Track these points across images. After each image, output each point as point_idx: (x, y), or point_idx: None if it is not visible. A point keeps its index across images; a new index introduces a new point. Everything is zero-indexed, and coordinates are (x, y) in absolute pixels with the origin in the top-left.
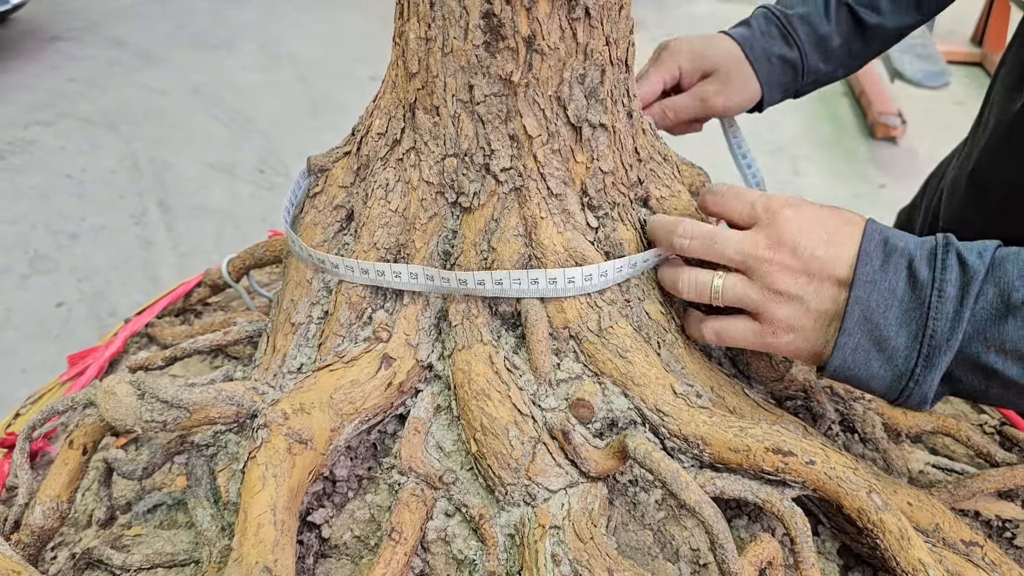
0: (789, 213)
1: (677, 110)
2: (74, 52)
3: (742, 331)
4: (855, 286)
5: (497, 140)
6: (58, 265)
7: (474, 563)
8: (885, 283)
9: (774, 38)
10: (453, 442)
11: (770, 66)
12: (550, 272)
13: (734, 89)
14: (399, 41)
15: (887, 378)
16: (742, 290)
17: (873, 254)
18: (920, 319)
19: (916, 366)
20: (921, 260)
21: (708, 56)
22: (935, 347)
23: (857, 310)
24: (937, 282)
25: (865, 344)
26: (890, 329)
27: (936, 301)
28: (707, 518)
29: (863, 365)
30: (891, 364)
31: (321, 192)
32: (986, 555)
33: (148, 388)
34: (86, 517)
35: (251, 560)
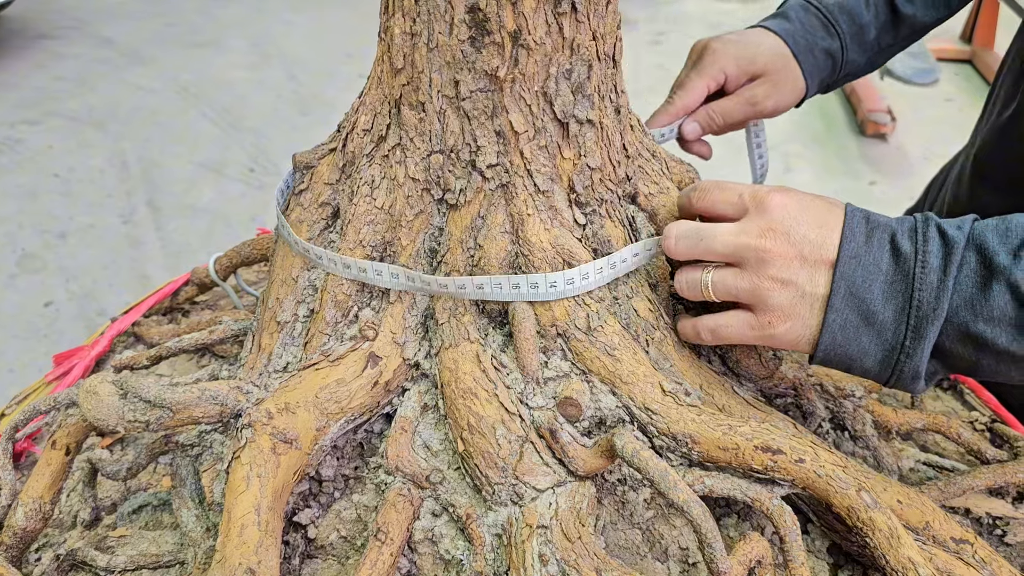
0: (779, 199)
1: (725, 114)
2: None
3: (738, 325)
4: (840, 262)
5: (483, 136)
6: (46, 264)
7: (461, 563)
8: (869, 258)
9: (816, 30)
10: (440, 441)
11: (814, 60)
12: (531, 277)
13: (785, 90)
14: (384, 37)
15: (878, 354)
16: (733, 281)
17: (856, 230)
18: (906, 291)
19: (905, 338)
20: (903, 235)
21: (757, 60)
22: (922, 317)
23: (843, 286)
24: (920, 253)
25: (853, 320)
26: (876, 303)
27: (920, 272)
28: (695, 517)
29: (853, 341)
30: (880, 338)
31: (307, 189)
32: (976, 553)
33: (130, 388)
34: (71, 518)
35: (234, 561)
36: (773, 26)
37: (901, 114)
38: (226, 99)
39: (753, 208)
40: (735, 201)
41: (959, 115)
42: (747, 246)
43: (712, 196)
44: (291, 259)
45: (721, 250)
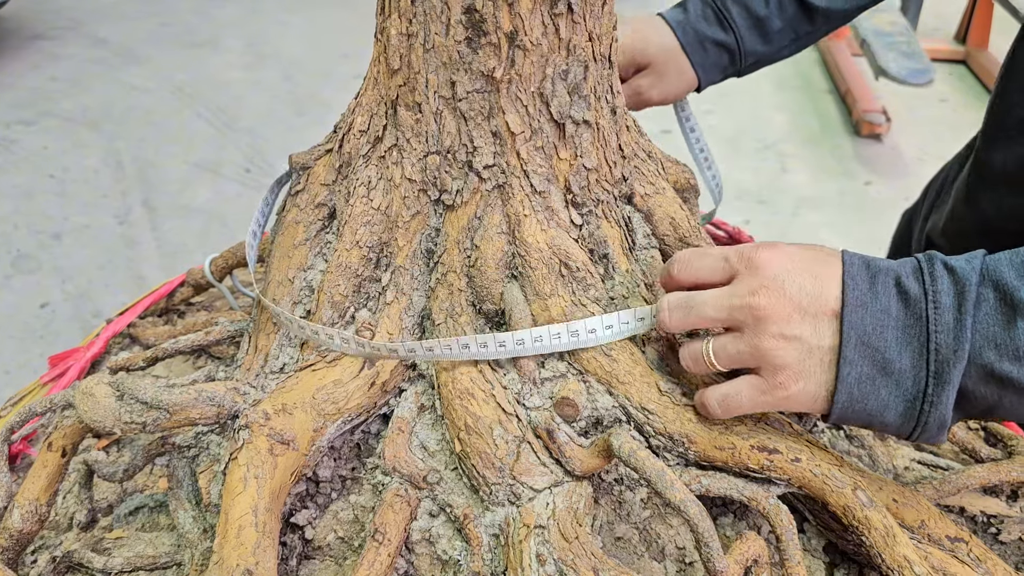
0: (767, 255)
1: None
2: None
3: (747, 391)
4: (846, 311)
5: (480, 137)
6: (41, 265)
7: (459, 563)
8: (876, 305)
9: (709, 22)
10: (437, 441)
11: (704, 52)
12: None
13: (669, 81)
14: (380, 37)
15: (899, 406)
16: (733, 347)
17: (858, 277)
18: (921, 335)
19: (927, 386)
20: (908, 276)
21: (641, 51)
22: (942, 361)
23: (853, 336)
24: (930, 294)
25: (869, 371)
26: (891, 351)
27: (933, 313)
28: (692, 516)
29: (871, 395)
30: (900, 388)
31: (303, 190)
32: (971, 551)
33: (127, 389)
34: (67, 520)
35: (232, 563)
36: (669, 16)
37: (896, 114)
38: (222, 99)
39: (742, 268)
40: (721, 266)
41: (954, 115)
42: (740, 307)
43: (695, 265)
44: (288, 260)
45: (713, 314)
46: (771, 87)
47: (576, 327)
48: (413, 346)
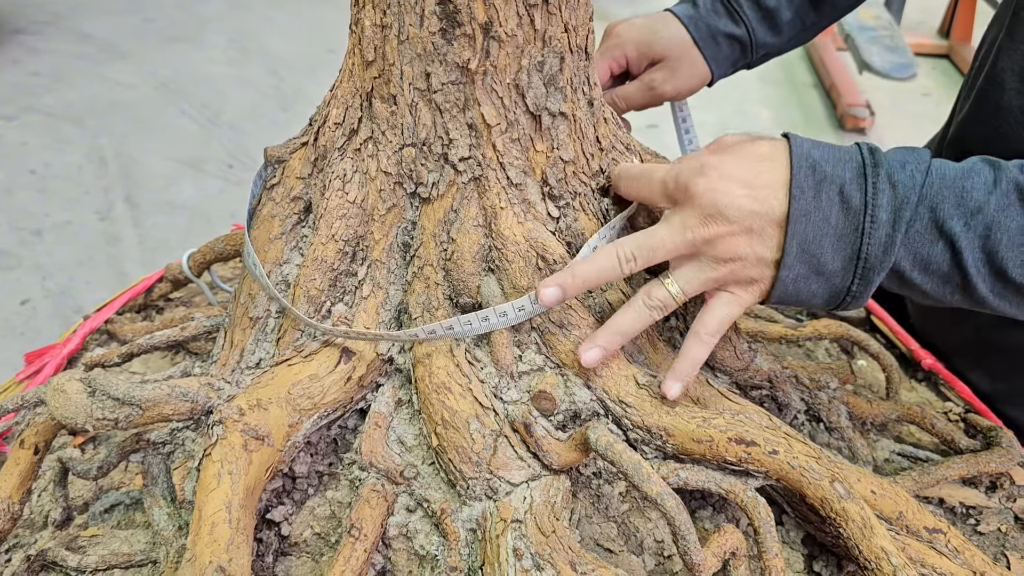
0: (701, 183)
1: (627, 99)
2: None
3: (728, 307)
4: (791, 220)
5: (455, 129)
6: (21, 262)
7: (436, 558)
8: (819, 214)
9: (720, 15)
10: (415, 436)
11: (716, 45)
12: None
13: (683, 75)
14: (355, 29)
15: (825, 295)
16: (696, 276)
17: (804, 185)
18: (855, 244)
19: (852, 284)
20: (852, 184)
21: (655, 44)
22: (870, 268)
23: (795, 244)
24: (869, 207)
25: (805, 272)
26: (826, 256)
27: (870, 227)
28: (669, 509)
29: (804, 289)
30: (829, 284)
31: (278, 184)
32: (949, 542)
33: (99, 385)
34: (42, 518)
35: (204, 559)
36: (679, 11)
37: (880, 108)
38: (205, 95)
39: (681, 197)
40: (660, 190)
41: (937, 110)
42: (696, 239)
43: (637, 185)
44: (263, 255)
45: (675, 248)
46: (755, 81)
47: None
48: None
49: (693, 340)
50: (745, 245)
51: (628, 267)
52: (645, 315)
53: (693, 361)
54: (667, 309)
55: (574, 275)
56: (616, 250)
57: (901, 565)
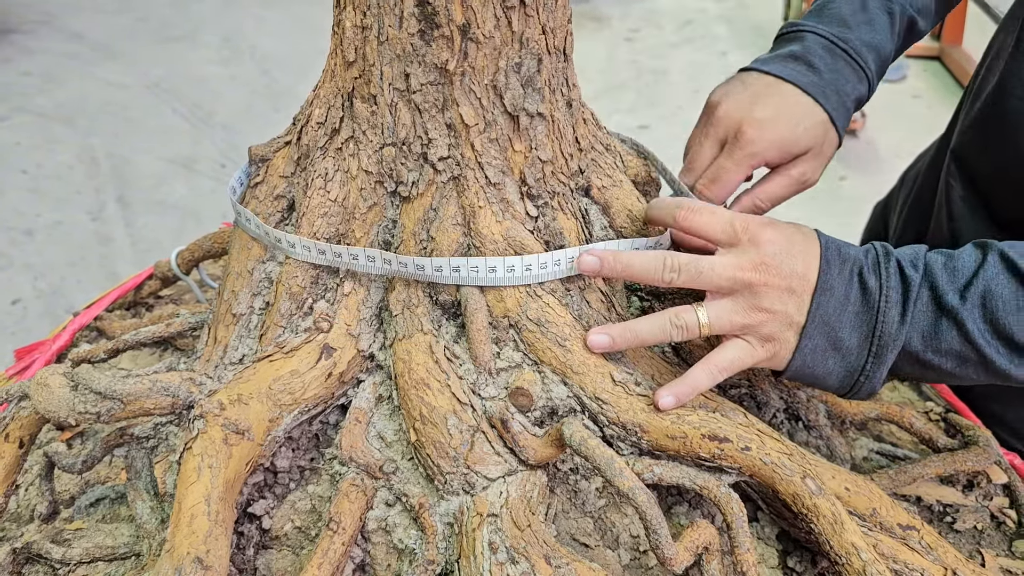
0: (769, 235)
1: (773, 199)
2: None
3: (742, 354)
4: (817, 292)
5: (434, 129)
6: (12, 262)
7: (414, 552)
8: (841, 290)
9: (847, 78)
10: (394, 432)
11: (846, 112)
12: (490, 260)
13: (828, 158)
14: (337, 30)
15: (841, 374)
16: (727, 316)
17: (832, 262)
18: (870, 323)
19: (867, 363)
20: (868, 270)
21: (800, 141)
22: (883, 346)
23: (818, 315)
24: (884, 289)
25: (823, 345)
26: (844, 331)
27: (884, 306)
28: (640, 504)
29: (820, 364)
30: (845, 361)
31: (262, 182)
32: (923, 539)
33: (81, 379)
34: (29, 512)
35: (182, 551)
36: (804, 83)
37: (871, 110)
38: (197, 94)
39: (746, 241)
40: (726, 229)
41: (927, 112)
42: (743, 280)
43: (702, 219)
44: (247, 251)
45: (719, 282)
46: None
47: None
48: (423, 262)
49: (702, 370)
50: (781, 302)
51: (669, 277)
52: (666, 331)
53: (694, 387)
54: (688, 334)
55: (617, 258)
56: (666, 258)
57: (871, 560)
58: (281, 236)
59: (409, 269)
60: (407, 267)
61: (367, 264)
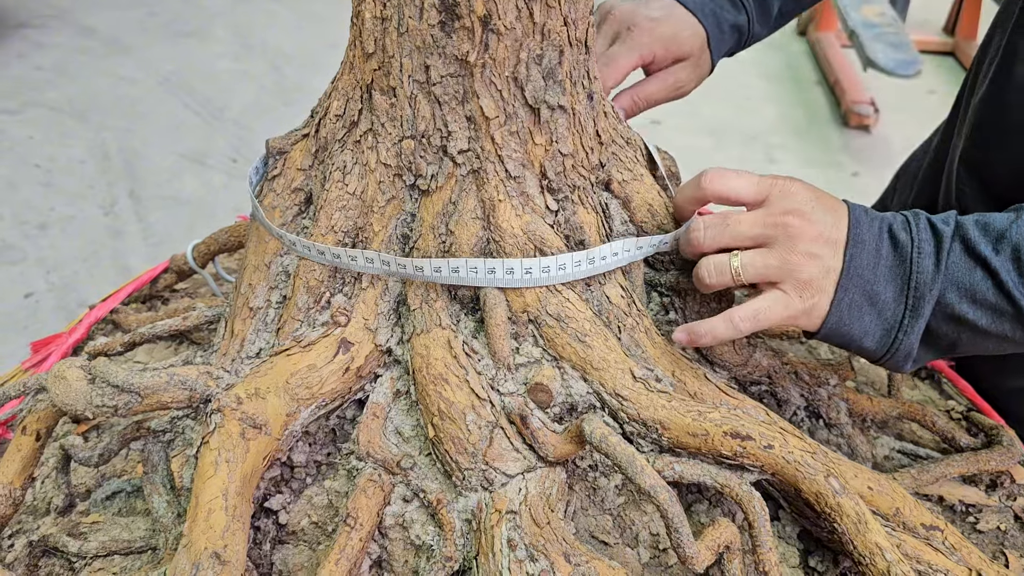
0: (798, 187)
1: (649, 99)
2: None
3: (776, 306)
4: (850, 245)
5: (454, 121)
6: (26, 256)
7: (431, 548)
8: (872, 244)
9: (725, 5)
10: (412, 427)
11: (721, 35)
12: (507, 262)
13: (703, 71)
14: (356, 21)
15: (877, 332)
16: (762, 261)
17: (861, 219)
18: (904, 275)
19: (904, 317)
20: (898, 227)
21: (683, 43)
22: (919, 297)
23: (852, 267)
24: (916, 242)
25: (859, 300)
26: (879, 284)
27: (917, 257)
28: (662, 502)
29: (856, 321)
30: (881, 318)
31: (280, 175)
32: (946, 539)
33: (99, 372)
34: (45, 505)
35: (200, 546)
36: (687, 2)
37: (884, 106)
38: (209, 89)
39: (776, 193)
40: (754, 187)
41: (941, 107)
42: (775, 224)
43: (728, 179)
44: (264, 245)
45: (749, 232)
46: (759, 78)
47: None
48: (439, 263)
49: (723, 319)
50: (817, 246)
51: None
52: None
53: (712, 334)
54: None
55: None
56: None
57: (895, 561)
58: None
59: (408, 270)
60: (406, 268)
61: (365, 265)
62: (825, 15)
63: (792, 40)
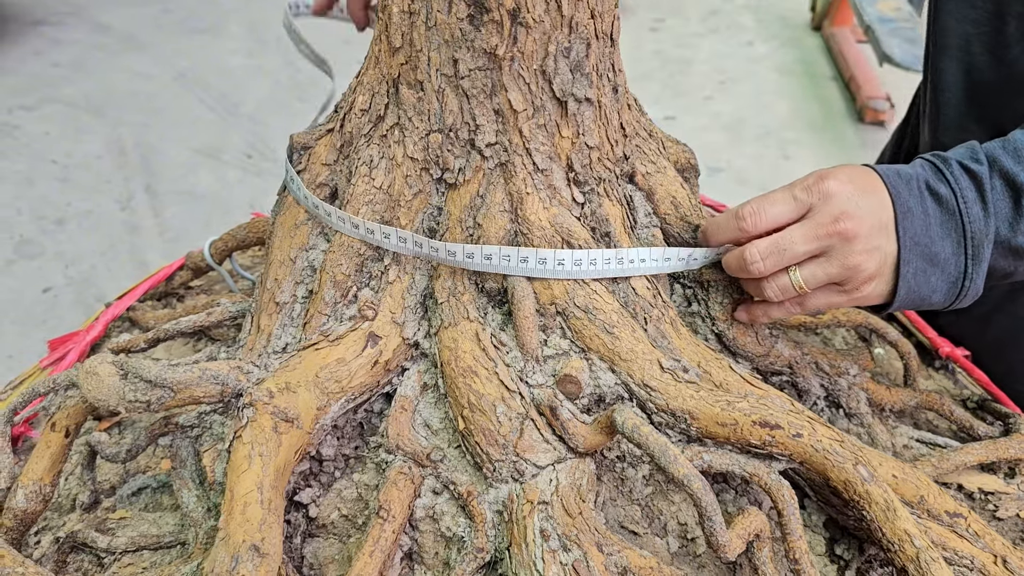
0: (834, 185)
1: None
2: (59, 36)
3: (825, 295)
4: (899, 218)
5: (482, 115)
6: (44, 251)
7: (463, 540)
8: (919, 208)
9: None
10: (440, 420)
11: None
12: (541, 252)
13: None
14: (382, 15)
15: (944, 287)
16: (823, 272)
17: (899, 187)
18: (957, 227)
19: (967, 267)
20: (934, 181)
21: None
22: (978, 244)
23: (908, 239)
24: (957, 192)
25: (922, 266)
26: (936, 245)
27: (964, 207)
28: (695, 491)
29: (924, 284)
30: (945, 273)
31: (304, 170)
32: (970, 526)
33: (131, 368)
34: (70, 502)
35: (238, 539)
36: None
37: (900, 101)
38: (224, 85)
39: (816, 200)
40: (793, 205)
41: None
42: (828, 235)
43: (768, 213)
44: (289, 239)
45: (804, 249)
46: (774, 74)
47: (611, 254)
48: (472, 250)
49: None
50: (874, 240)
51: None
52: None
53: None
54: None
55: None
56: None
57: (924, 547)
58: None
59: (440, 254)
60: (438, 252)
61: (398, 244)
62: (840, 10)
63: (807, 35)
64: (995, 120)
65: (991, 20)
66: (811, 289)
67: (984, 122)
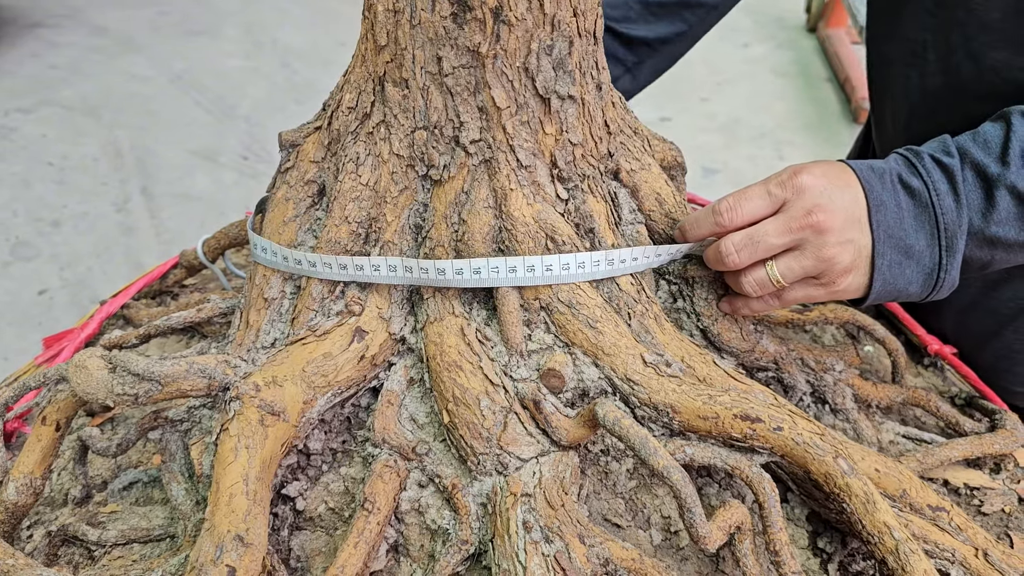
0: (807, 179)
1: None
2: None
3: (804, 289)
4: (872, 212)
5: (466, 112)
6: (40, 252)
7: (447, 532)
8: (892, 201)
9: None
10: (426, 414)
11: None
12: (528, 259)
13: None
14: (368, 14)
15: (920, 279)
16: (799, 265)
17: (872, 180)
18: (930, 219)
19: (941, 258)
20: (906, 174)
21: None
22: (951, 236)
23: (881, 232)
24: (930, 184)
25: (896, 257)
26: (910, 237)
27: (936, 199)
28: (675, 483)
29: (899, 276)
30: (920, 265)
31: (292, 167)
32: (952, 520)
33: (119, 361)
34: (62, 496)
35: (223, 529)
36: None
37: None
38: (220, 87)
39: (790, 195)
40: (768, 201)
41: None
42: (801, 228)
43: (744, 208)
44: (277, 236)
45: (778, 241)
46: (769, 74)
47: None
48: (461, 265)
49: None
50: (847, 233)
51: (732, 258)
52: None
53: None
54: (762, 288)
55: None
56: (720, 244)
57: (903, 539)
58: (301, 257)
59: (430, 275)
60: (428, 273)
61: (388, 275)
62: (835, 12)
63: (802, 37)
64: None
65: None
66: (788, 283)
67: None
